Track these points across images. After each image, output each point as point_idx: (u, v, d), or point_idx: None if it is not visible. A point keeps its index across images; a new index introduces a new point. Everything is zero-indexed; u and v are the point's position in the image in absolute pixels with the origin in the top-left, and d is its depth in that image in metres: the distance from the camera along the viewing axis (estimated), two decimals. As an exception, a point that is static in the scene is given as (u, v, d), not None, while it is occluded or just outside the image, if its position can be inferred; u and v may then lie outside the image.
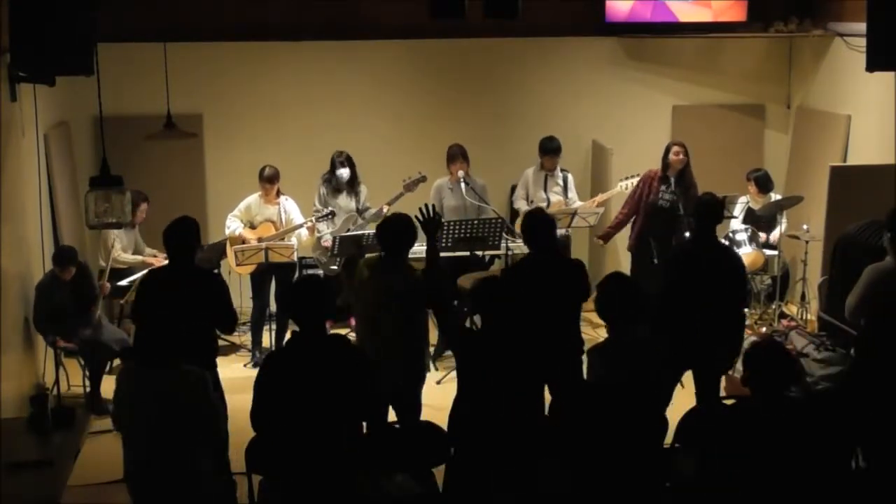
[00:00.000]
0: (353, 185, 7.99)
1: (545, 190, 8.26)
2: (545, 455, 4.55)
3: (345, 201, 7.97)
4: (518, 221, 8.04)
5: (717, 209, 5.79)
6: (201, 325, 5.31)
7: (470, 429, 4.59)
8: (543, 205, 8.17)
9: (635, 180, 8.01)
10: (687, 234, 7.61)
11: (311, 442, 4.16)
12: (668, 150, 7.70)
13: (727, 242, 8.18)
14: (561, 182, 8.30)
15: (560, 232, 8.15)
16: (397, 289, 5.16)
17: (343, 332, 6.85)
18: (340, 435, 4.20)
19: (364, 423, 4.58)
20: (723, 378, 6.96)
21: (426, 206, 5.22)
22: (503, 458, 4.43)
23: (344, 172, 7.91)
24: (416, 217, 5.17)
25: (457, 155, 7.99)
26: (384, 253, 5.32)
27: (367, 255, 5.61)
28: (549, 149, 8.19)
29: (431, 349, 7.85)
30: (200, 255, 6.86)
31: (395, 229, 5.29)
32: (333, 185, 7.99)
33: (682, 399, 5.60)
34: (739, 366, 6.79)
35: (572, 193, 8.34)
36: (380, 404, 4.95)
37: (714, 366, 5.76)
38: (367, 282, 5.28)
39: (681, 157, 7.63)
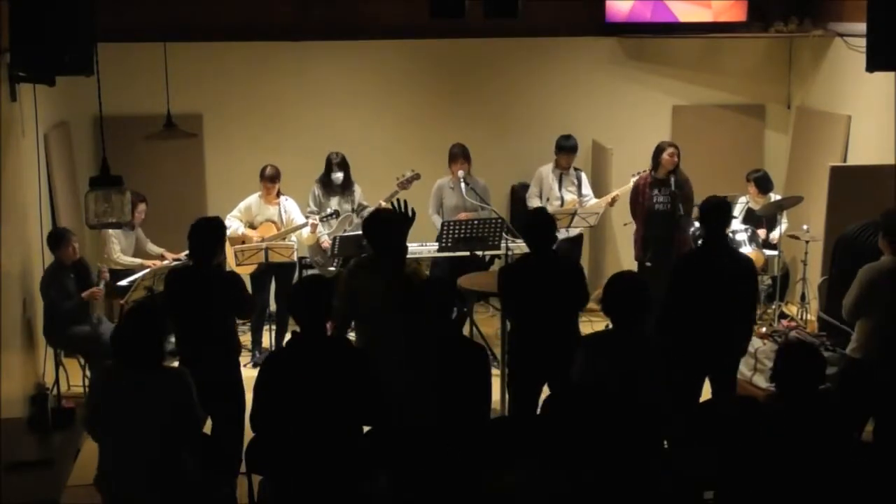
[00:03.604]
0: (346, 188, 8.00)
1: (560, 188, 8.28)
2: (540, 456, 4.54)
3: (338, 203, 7.98)
4: None
5: (724, 211, 5.77)
6: (222, 323, 5.44)
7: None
8: (558, 203, 8.21)
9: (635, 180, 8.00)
10: (690, 232, 7.65)
11: (311, 442, 4.15)
12: (661, 151, 7.69)
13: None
14: (575, 181, 8.34)
15: (574, 232, 8.21)
16: (375, 289, 5.16)
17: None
18: (340, 436, 4.19)
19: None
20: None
21: (398, 201, 5.19)
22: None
23: (338, 176, 7.93)
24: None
25: (457, 155, 8.01)
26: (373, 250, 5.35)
27: (355, 259, 5.63)
28: (566, 147, 8.24)
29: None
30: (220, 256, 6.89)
31: (381, 223, 5.33)
32: (328, 186, 8.00)
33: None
34: (742, 367, 6.85)
35: (587, 191, 8.37)
36: (380, 404, 4.93)
37: (730, 369, 5.78)
38: (353, 282, 5.30)
39: (674, 158, 7.64)
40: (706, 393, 5.77)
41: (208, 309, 5.37)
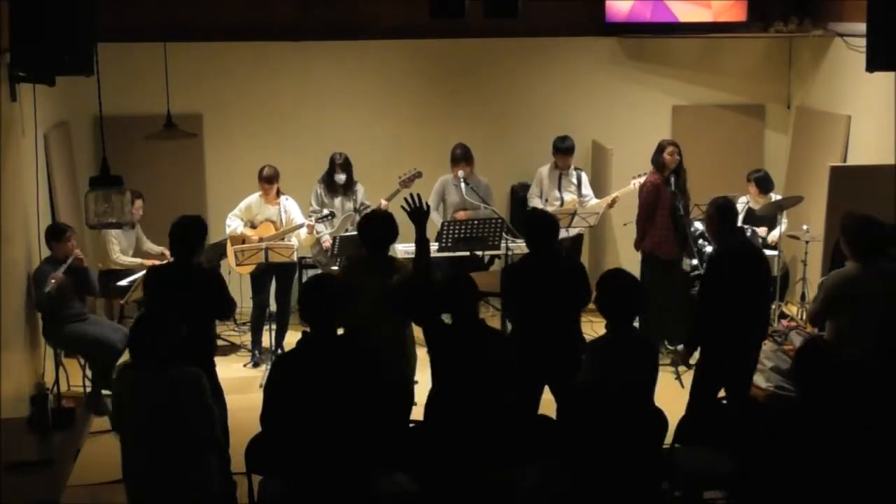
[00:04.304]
0: (349, 188, 8.00)
1: (559, 189, 8.28)
2: (543, 456, 4.55)
3: (341, 203, 7.98)
4: None
5: (727, 212, 5.76)
6: (200, 322, 5.38)
7: (442, 424, 4.58)
8: (557, 204, 8.21)
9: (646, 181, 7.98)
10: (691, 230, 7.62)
11: (322, 442, 4.15)
12: (662, 150, 7.66)
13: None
14: (575, 181, 8.34)
15: (574, 231, 8.20)
16: (372, 288, 5.14)
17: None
18: (353, 436, 4.18)
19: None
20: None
21: (411, 195, 5.17)
22: (479, 458, 4.41)
23: (341, 177, 7.93)
24: (403, 207, 5.14)
25: (459, 158, 8.01)
26: (366, 251, 5.34)
27: (348, 257, 5.60)
28: (562, 148, 8.24)
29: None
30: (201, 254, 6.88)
31: (374, 226, 5.31)
32: (331, 187, 7.99)
33: (681, 399, 5.61)
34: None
35: (587, 190, 8.37)
36: (389, 404, 4.93)
37: (749, 370, 5.82)
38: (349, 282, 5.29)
39: (676, 156, 7.63)
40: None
41: (187, 307, 5.33)
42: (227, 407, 5.55)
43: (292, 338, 7.82)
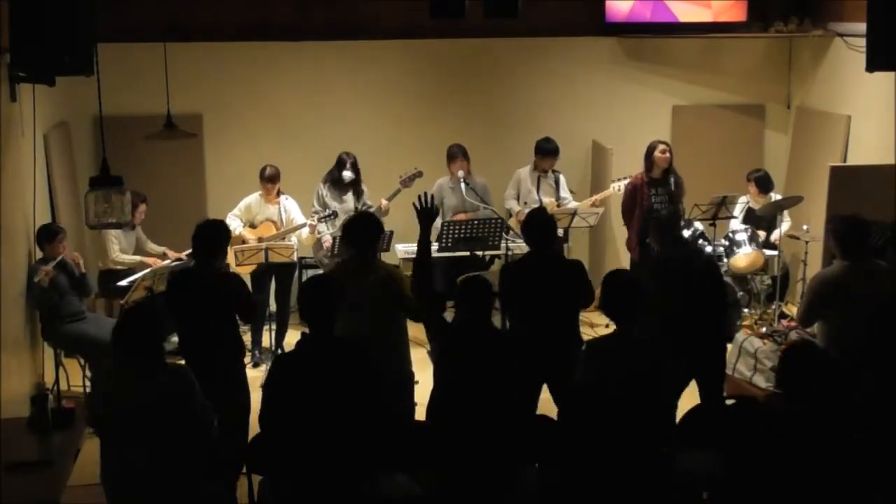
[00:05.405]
0: (355, 187, 7.99)
1: (538, 191, 8.23)
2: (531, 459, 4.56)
3: (346, 203, 7.97)
4: (511, 221, 8.06)
5: (671, 224, 5.86)
6: (225, 325, 5.45)
7: (445, 424, 4.59)
8: (535, 206, 8.17)
9: (629, 181, 7.99)
10: (685, 234, 7.63)
11: (321, 442, 4.14)
12: (652, 150, 7.68)
13: (727, 242, 8.17)
14: (553, 183, 8.28)
15: None
16: (356, 289, 5.10)
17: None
18: (349, 437, 4.18)
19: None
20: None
21: (425, 194, 5.15)
22: (477, 456, 4.42)
23: (348, 175, 7.92)
24: (414, 205, 5.12)
25: (456, 155, 8.00)
26: (354, 252, 5.33)
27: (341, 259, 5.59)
28: (547, 150, 8.18)
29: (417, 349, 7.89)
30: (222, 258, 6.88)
31: (357, 226, 5.31)
32: (337, 185, 7.98)
33: (686, 399, 5.60)
34: (741, 367, 6.85)
35: (564, 193, 8.32)
36: (385, 408, 4.92)
37: (716, 368, 5.78)
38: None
39: (667, 155, 7.63)
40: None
41: (211, 311, 5.37)
42: (249, 409, 5.52)
43: (292, 338, 7.81)
